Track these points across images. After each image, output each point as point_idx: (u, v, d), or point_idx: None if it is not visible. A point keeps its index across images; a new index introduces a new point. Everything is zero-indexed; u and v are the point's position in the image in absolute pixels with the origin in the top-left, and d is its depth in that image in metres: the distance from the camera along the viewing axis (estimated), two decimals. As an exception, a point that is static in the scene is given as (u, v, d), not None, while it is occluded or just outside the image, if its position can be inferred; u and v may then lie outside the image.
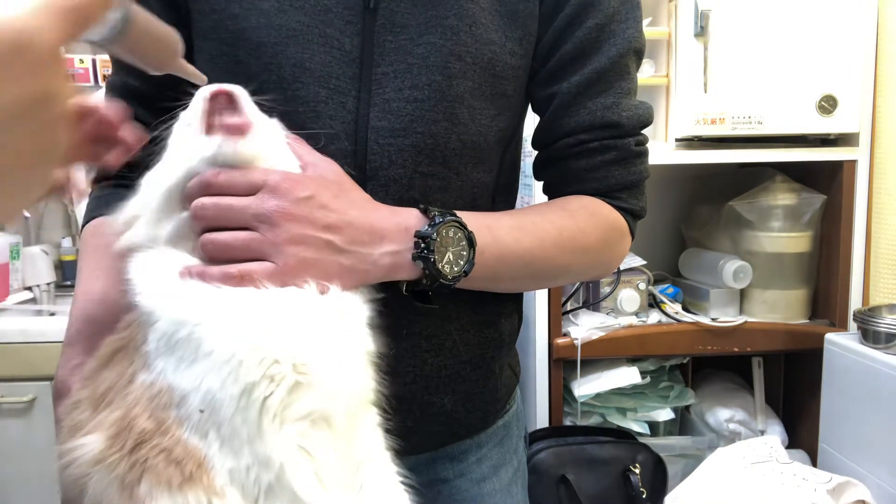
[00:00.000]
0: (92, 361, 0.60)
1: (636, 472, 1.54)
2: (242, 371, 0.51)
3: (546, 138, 0.78)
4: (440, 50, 0.68)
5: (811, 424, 1.66)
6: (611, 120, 0.74)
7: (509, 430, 0.86)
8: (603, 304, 1.72)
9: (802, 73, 1.57)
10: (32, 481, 1.67)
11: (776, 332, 1.68)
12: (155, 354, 0.53)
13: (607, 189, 0.77)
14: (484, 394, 0.79)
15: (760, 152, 1.63)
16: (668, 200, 1.98)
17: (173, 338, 0.52)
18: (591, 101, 0.74)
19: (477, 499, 0.81)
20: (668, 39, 1.64)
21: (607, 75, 0.74)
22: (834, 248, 1.68)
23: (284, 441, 0.51)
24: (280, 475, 0.51)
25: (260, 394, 0.51)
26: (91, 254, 0.75)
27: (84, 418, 0.55)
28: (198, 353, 0.51)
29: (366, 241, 0.60)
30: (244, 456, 0.51)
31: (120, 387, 0.54)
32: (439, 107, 0.68)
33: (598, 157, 0.75)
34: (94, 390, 0.56)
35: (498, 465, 0.84)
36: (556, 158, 0.78)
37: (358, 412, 0.58)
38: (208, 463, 0.50)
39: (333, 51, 0.67)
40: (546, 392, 1.66)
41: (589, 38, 0.73)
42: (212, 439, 0.51)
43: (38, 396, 1.65)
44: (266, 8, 0.67)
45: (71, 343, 0.71)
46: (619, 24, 0.74)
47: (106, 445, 0.51)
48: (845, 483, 1.37)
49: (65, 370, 0.70)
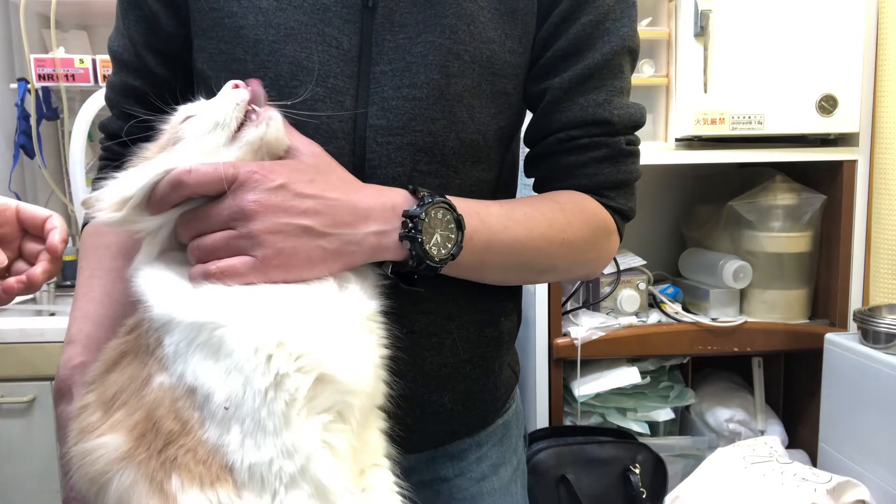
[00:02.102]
0: (95, 366, 0.61)
1: (636, 472, 1.54)
2: (272, 364, 0.52)
3: (537, 134, 0.78)
4: (438, 48, 0.68)
5: (811, 424, 1.66)
6: (602, 117, 0.74)
7: (509, 430, 0.86)
8: (603, 304, 1.72)
9: (802, 73, 1.57)
10: (32, 481, 1.67)
11: (776, 332, 1.68)
12: (173, 358, 0.54)
13: (596, 186, 0.76)
14: (483, 393, 0.79)
15: (760, 152, 1.63)
16: (668, 200, 1.98)
17: (194, 342, 0.53)
18: (582, 98, 0.73)
19: (476, 497, 0.82)
20: (668, 39, 1.64)
21: (600, 72, 0.73)
22: (834, 248, 1.68)
23: (311, 431, 0.53)
24: (305, 466, 0.52)
25: (289, 385, 0.52)
26: (91, 253, 0.76)
27: (94, 420, 0.56)
28: (220, 353, 0.53)
29: (348, 221, 0.59)
30: (268, 449, 0.52)
31: (133, 389, 0.56)
32: (438, 105, 0.68)
33: (588, 153, 0.75)
34: (102, 393, 0.58)
35: (497, 464, 0.84)
36: (547, 154, 0.77)
37: (369, 414, 0.60)
38: (230, 462, 0.52)
39: (332, 49, 0.67)
40: (546, 392, 1.66)
41: (583, 34, 0.73)
42: (234, 433, 0.52)
43: (38, 396, 1.65)
44: (264, 6, 0.67)
45: (72, 342, 0.72)
46: (613, 22, 0.73)
47: (132, 445, 0.53)
48: (845, 483, 1.37)
49: (66, 369, 0.70)
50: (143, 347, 0.57)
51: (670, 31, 1.63)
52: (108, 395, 0.57)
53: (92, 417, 0.57)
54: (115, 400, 0.56)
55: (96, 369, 0.60)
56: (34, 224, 0.65)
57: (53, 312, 2.02)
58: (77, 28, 2.14)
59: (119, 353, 0.59)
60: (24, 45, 1.94)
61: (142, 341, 0.57)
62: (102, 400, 0.57)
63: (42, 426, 1.65)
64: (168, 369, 0.54)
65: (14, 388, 1.65)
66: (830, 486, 1.35)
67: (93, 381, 0.60)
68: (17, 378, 1.65)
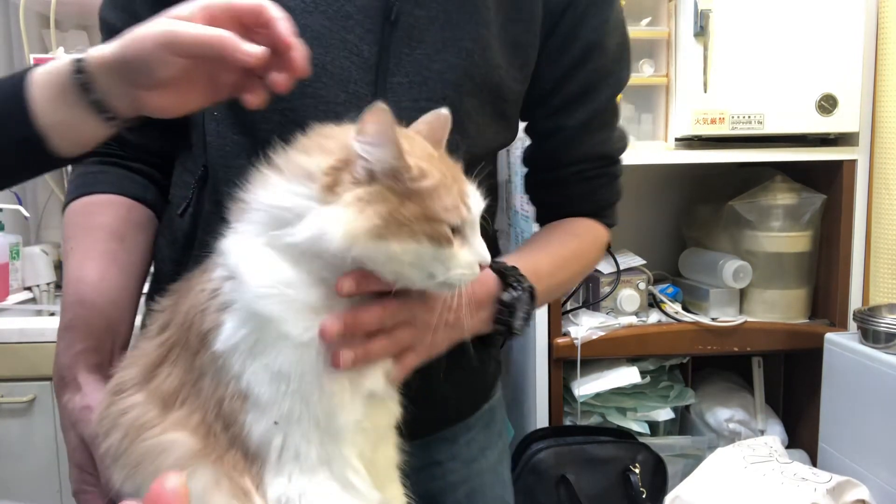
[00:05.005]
0: (128, 370, 0.60)
1: (636, 472, 1.54)
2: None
3: (549, 164, 0.88)
4: (455, 68, 0.72)
5: (811, 424, 1.66)
6: (605, 152, 0.87)
7: (494, 415, 0.92)
8: (603, 304, 1.72)
9: (802, 72, 1.57)
10: (32, 481, 1.67)
11: (776, 332, 1.68)
12: (232, 353, 0.54)
13: (598, 209, 0.89)
14: (475, 381, 0.87)
15: (760, 152, 1.63)
16: (668, 200, 1.98)
17: (258, 345, 0.54)
18: (590, 137, 0.85)
19: (468, 479, 0.87)
20: (668, 39, 1.64)
21: (604, 114, 0.86)
22: (834, 248, 1.68)
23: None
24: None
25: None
26: (82, 235, 0.75)
27: (152, 417, 0.56)
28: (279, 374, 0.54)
29: (469, 312, 0.64)
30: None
31: (189, 386, 0.56)
32: (452, 119, 0.70)
33: (594, 182, 0.88)
34: (154, 391, 0.57)
35: (485, 446, 0.90)
36: (558, 182, 0.88)
37: (388, 431, 0.62)
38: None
39: (353, 56, 0.70)
40: (546, 392, 1.66)
41: (591, 80, 0.82)
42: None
43: (38, 396, 1.65)
44: (292, 6, 0.68)
45: (70, 328, 0.71)
46: (616, 68, 0.84)
47: (202, 445, 0.54)
48: (845, 483, 1.37)
49: (67, 356, 0.70)
50: (193, 336, 0.56)
51: (670, 30, 1.63)
52: (166, 390, 0.57)
53: (149, 414, 0.56)
54: (175, 396, 0.56)
55: (134, 373, 0.59)
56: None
57: (53, 312, 2.02)
58: (77, 28, 2.14)
59: (165, 349, 0.59)
60: (24, 45, 1.94)
61: (192, 330, 0.57)
62: (159, 396, 0.57)
63: (42, 426, 1.66)
64: (227, 367, 0.55)
65: (14, 388, 1.65)
66: (830, 485, 1.35)
67: (131, 385, 0.59)
68: (17, 378, 1.65)
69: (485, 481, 0.89)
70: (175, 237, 0.78)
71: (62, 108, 0.57)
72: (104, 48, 0.57)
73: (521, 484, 1.55)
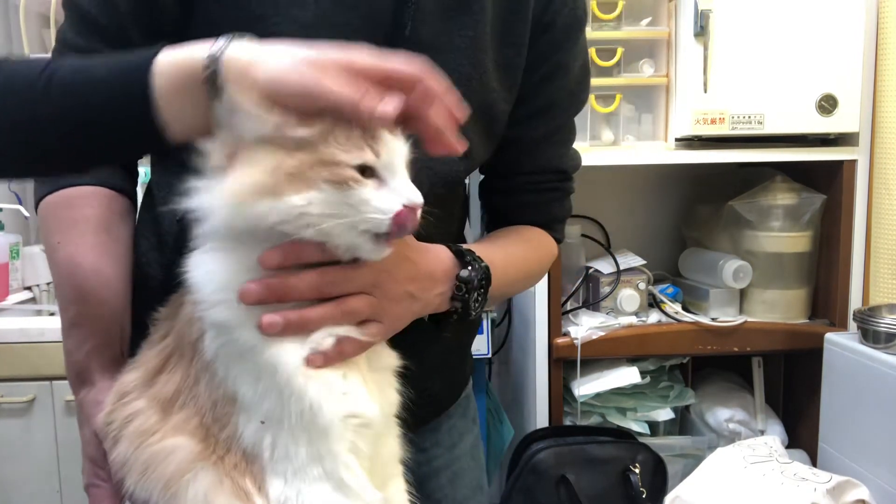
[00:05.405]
0: (130, 375, 0.62)
1: (636, 472, 1.54)
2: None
3: (505, 171, 0.91)
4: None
5: (811, 424, 1.66)
6: (561, 167, 0.91)
7: (469, 402, 0.99)
8: (603, 304, 1.72)
9: (802, 73, 1.57)
10: (32, 481, 1.67)
11: (776, 332, 1.68)
12: (215, 360, 0.56)
13: (548, 221, 0.91)
14: (458, 375, 0.94)
15: (760, 152, 1.63)
16: (668, 200, 1.98)
17: (244, 354, 0.55)
18: (549, 149, 0.89)
19: (450, 463, 0.93)
20: (668, 39, 1.65)
21: (563, 130, 0.90)
22: (834, 248, 1.68)
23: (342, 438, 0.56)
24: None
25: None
26: (68, 228, 0.73)
27: (153, 423, 0.58)
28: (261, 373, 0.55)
29: (428, 286, 0.67)
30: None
31: (188, 390, 0.58)
32: None
33: (547, 194, 0.91)
34: (154, 397, 0.59)
35: (463, 432, 0.96)
36: (513, 190, 0.90)
37: (388, 422, 0.63)
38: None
39: None
40: (546, 392, 1.66)
41: (555, 97, 0.86)
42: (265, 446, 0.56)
43: (38, 396, 1.65)
44: (301, 20, 0.69)
45: (77, 325, 0.71)
46: (578, 89, 0.88)
47: (202, 447, 0.56)
48: (845, 483, 1.37)
49: (81, 353, 0.70)
50: (185, 346, 0.58)
51: (670, 30, 1.64)
52: (165, 396, 0.59)
53: (150, 421, 0.58)
54: (173, 402, 0.58)
55: (135, 377, 0.62)
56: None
57: (53, 312, 2.02)
58: (77, 28, 2.13)
59: (164, 356, 0.61)
60: (24, 45, 1.94)
61: (184, 341, 0.59)
62: (159, 402, 0.59)
63: (42, 426, 1.65)
64: (212, 370, 0.57)
65: (14, 388, 1.65)
66: (830, 485, 1.35)
67: (133, 389, 0.61)
68: (17, 378, 1.65)
69: (464, 465, 0.95)
70: (162, 239, 0.77)
71: (186, 101, 0.56)
72: (240, 52, 0.55)
73: (521, 484, 1.55)
